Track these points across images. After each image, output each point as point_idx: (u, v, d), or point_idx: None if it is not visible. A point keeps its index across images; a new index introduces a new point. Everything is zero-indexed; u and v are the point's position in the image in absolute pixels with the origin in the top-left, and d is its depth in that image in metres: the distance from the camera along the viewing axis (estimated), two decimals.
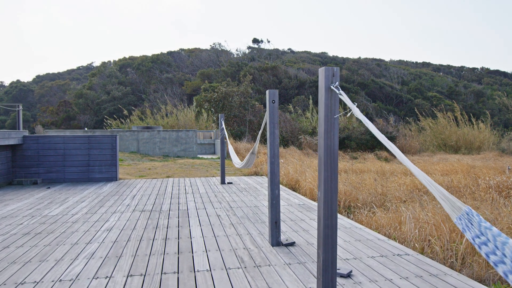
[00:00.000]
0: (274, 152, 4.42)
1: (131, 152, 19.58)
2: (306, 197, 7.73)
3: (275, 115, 4.42)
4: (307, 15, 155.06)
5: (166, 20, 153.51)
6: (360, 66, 68.53)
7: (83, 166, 10.27)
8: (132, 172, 12.43)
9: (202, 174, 11.97)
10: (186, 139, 20.28)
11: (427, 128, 28.38)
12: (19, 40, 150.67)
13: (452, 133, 26.13)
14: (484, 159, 19.30)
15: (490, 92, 57.65)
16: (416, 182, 9.86)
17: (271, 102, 4.41)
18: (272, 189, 4.42)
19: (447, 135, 26.14)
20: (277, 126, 4.44)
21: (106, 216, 6.00)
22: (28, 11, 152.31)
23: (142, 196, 7.86)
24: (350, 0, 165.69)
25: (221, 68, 55.22)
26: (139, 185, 9.59)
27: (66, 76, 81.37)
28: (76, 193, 8.30)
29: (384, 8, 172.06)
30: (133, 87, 54.08)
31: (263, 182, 9.91)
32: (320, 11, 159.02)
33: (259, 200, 7.36)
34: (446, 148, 26.12)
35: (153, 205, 6.89)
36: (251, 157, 5.82)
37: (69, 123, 46.40)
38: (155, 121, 31.89)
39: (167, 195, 8.03)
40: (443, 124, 27.00)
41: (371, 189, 8.95)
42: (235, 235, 4.88)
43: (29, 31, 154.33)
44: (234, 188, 9.03)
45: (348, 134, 23.55)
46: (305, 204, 7.00)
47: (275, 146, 4.42)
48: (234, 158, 7.95)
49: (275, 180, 4.43)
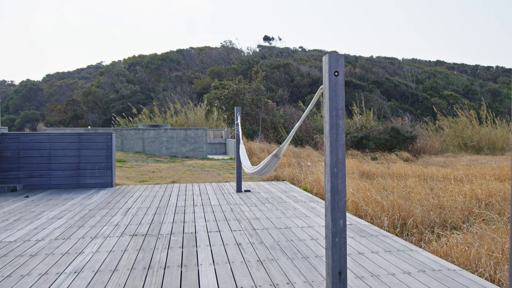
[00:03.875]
0: (338, 158, 2.67)
1: (135, 152, 17.97)
2: (348, 213, 5.96)
3: (339, 97, 2.68)
4: (318, 13, 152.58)
5: (176, 20, 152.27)
6: (373, 65, 66.57)
7: (72, 169, 8.61)
8: (132, 176, 10.76)
9: (214, 179, 10.26)
10: (195, 138, 18.60)
11: (445, 127, 26.84)
12: (31, 41, 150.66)
13: (474, 132, 24.42)
14: None
15: (507, 91, 55.93)
16: (478, 191, 8.03)
17: (332, 74, 2.67)
18: (333, 218, 2.67)
19: (468, 134, 24.50)
20: (342, 115, 2.70)
21: (81, 244, 4.30)
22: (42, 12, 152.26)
23: (138, 210, 6.15)
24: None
25: (231, 66, 53.64)
26: (137, 193, 7.90)
27: (75, 75, 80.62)
28: (57, 205, 6.62)
29: (393, 6, 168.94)
30: (142, 86, 52.93)
31: (287, 190, 8.15)
32: (330, 10, 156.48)
33: (289, 218, 5.60)
34: (466, 149, 24.50)
35: (150, 225, 5.17)
36: (272, 161, 4.09)
37: (77, 122, 45.39)
38: (164, 120, 30.56)
39: (170, 208, 6.31)
40: (464, 123, 25.34)
41: (423, 200, 7.16)
42: (269, 285, 3.15)
43: (42, 31, 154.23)
44: (253, 198, 7.29)
45: (366, 134, 21.80)
46: (353, 224, 5.24)
47: (338, 147, 2.68)
48: (245, 161, 6.22)
49: (339, 203, 2.68)
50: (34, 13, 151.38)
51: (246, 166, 5.61)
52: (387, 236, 4.62)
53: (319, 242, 4.36)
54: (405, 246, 4.23)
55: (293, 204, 6.66)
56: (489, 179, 10.46)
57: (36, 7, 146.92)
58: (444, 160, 16.66)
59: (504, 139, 24.97)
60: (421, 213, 6.18)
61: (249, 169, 5.16)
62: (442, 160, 16.96)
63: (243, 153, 6.58)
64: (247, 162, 5.86)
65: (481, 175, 11.17)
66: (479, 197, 7.93)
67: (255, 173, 4.60)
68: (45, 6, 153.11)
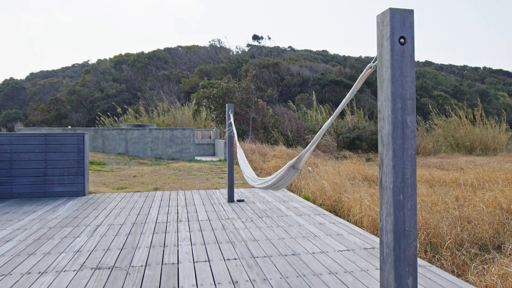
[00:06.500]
0: (405, 177, 1.63)
1: (118, 154, 16.75)
2: (364, 230, 4.92)
3: (408, 78, 1.65)
4: (307, 12, 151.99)
5: (165, 19, 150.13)
6: (363, 65, 66.04)
7: (38, 176, 7.44)
8: (110, 182, 9.60)
9: (202, 185, 9.17)
10: (182, 139, 17.45)
11: (436, 127, 26.50)
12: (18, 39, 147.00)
13: (467, 133, 23.99)
14: None
15: (494, 92, 56.27)
16: (501, 199, 7.11)
17: (396, 41, 1.63)
18: (397, 275, 1.63)
19: (461, 135, 24.11)
20: (412, 108, 1.67)
21: (23, 285, 3.19)
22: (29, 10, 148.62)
23: (109, 229, 5.04)
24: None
25: (220, 65, 52.50)
26: (112, 204, 6.77)
27: (60, 74, 78.67)
28: (12, 221, 5.47)
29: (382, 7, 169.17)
30: (128, 84, 51.54)
31: (286, 200, 7.10)
32: (319, 10, 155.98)
33: (294, 238, 4.56)
34: (459, 149, 24.09)
35: (121, 251, 4.08)
36: (289, 174, 3.05)
37: (61, 122, 43.92)
38: (151, 120, 29.39)
39: (148, 225, 5.22)
40: (457, 123, 24.97)
41: (443, 211, 6.21)
42: None
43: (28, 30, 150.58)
44: (248, 210, 6.23)
45: (358, 134, 21.03)
46: (374, 247, 4.20)
47: (406, 160, 1.64)
48: (247, 170, 5.16)
49: (407, 251, 1.64)
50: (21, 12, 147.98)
51: (250, 177, 4.54)
52: (425, 267, 3.60)
53: (339, 277, 3.33)
54: (454, 283, 3.21)
55: (296, 218, 5.61)
56: (504, 185, 9.60)
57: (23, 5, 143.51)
58: (440, 161, 15.82)
59: (496, 139, 24.70)
60: (448, 229, 5.19)
61: (256, 182, 4.11)
62: (438, 161, 16.12)
63: (243, 159, 5.50)
64: (250, 171, 4.78)
65: (492, 179, 10.31)
66: (503, 206, 7.03)
67: (266, 187, 3.55)
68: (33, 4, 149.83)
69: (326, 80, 44.96)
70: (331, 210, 6.43)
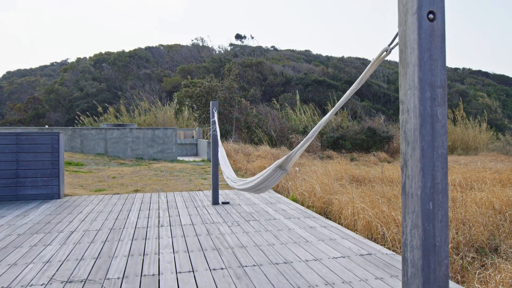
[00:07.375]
0: (435, 182, 1.35)
1: (97, 154, 16.19)
2: (358, 234, 4.66)
3: (438, 62, 1.36)
4: (290, 12, 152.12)
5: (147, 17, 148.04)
6: (345, 65, 66.36)
7: (9, 177, 6.96)
8: (88, 184, 9.15)
9: (184, 186, 8.80)
10: (164, 139, 16.99)
11: None
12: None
13: (449, 132, 24.44)
14: (496, 161, 17.04)
15: (474, 92, 57.29)
16: (493, 200, 6.97)
17: (424, 17, 1.35)
18: None
19: None
20: (443, 97, 1.38)
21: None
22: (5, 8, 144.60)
23: (84, 235, 4.65)
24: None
25: (202, 64, 51.93)
26: (89, 207, 6.36)
27: (38, 73, 76.72)
28: None
29: (365, 8, 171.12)
30: (108, 83, 50.55)
31: (274, 201, 6.80)
32: (303, 10, 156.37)
33: (284, 244, 4.26)
34: None
35: (96, 261, 3.71)
36: (276, 175, 2.75)
37: (39, 121, 42.73)
38: (131, 119, 28.79)
39: (127, 231, 4.85)
40: None
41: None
42: None
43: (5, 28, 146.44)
44: (234, 213, 5.91)
45: (342, 134, 20.93)
46: (372, 254, 3.94)
47: (436, 161, 1.36)
48: (227, 170, 4.85)
49: (437, 270, 1.36)
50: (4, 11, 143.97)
51: (230, 178, 4.23)
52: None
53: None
54: None
55: (285, 221, 5.32)
56: (493, 184, 9.54)
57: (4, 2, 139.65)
58: None
59: (477, 139, 25.19)
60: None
61: (236, 183, 3.80)
62: None
63: (224, 159, 5.20)
64: (231, 171, 4.47)
65: (480, 179, 10.26)
66: (495, 207, 6.91)
67: (247, 189, 3.24)
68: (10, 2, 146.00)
69: (309, 80, 44.94)
70: (321, 213, 6.16)
